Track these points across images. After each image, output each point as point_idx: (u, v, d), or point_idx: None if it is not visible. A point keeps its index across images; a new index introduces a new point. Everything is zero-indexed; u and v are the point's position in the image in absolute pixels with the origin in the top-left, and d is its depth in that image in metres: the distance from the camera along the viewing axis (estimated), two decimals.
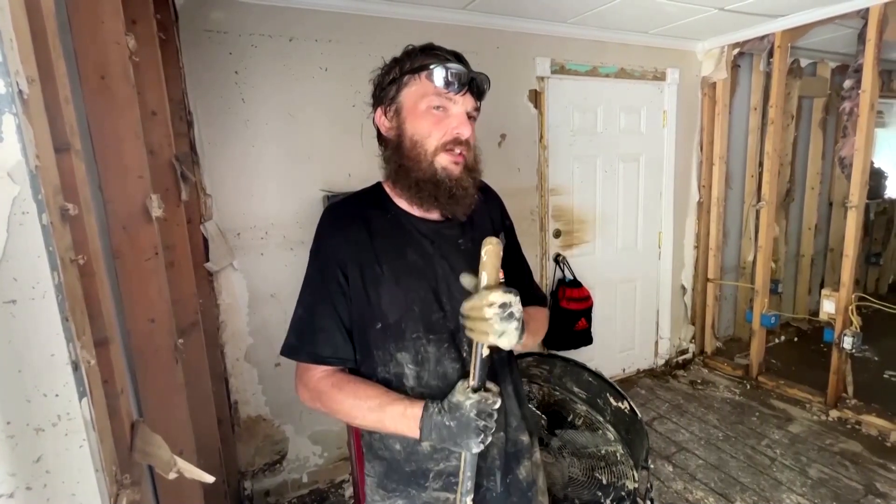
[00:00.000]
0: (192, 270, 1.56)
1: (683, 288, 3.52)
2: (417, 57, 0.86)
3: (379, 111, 0.91)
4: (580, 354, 2.76)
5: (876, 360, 3.40)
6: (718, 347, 3.63)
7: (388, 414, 0.81)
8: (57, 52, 0.57)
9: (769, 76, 3.06)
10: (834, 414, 2.77)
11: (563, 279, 2.97)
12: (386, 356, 0.88)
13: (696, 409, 2.95)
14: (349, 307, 0.88)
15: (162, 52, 1.42)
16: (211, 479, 0.70)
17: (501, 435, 0.94)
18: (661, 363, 3.52)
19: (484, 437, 0.77)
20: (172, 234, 1.41)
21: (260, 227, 2.15)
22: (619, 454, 1.54)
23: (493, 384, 0.81)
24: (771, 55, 2.94)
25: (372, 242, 0.88)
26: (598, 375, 1.70)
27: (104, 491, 0.50)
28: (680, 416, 2.88)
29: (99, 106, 0.93)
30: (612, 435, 1.55)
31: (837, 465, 2.36)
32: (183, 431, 1.12)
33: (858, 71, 2.59)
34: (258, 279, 2.17)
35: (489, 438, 0.78)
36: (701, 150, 3.36)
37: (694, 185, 3.39)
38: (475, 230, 0.95)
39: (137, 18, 1.26)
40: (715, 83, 3.24)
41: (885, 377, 3.19)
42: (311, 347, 0.88)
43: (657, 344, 3.51)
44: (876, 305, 2.75)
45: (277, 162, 2.14)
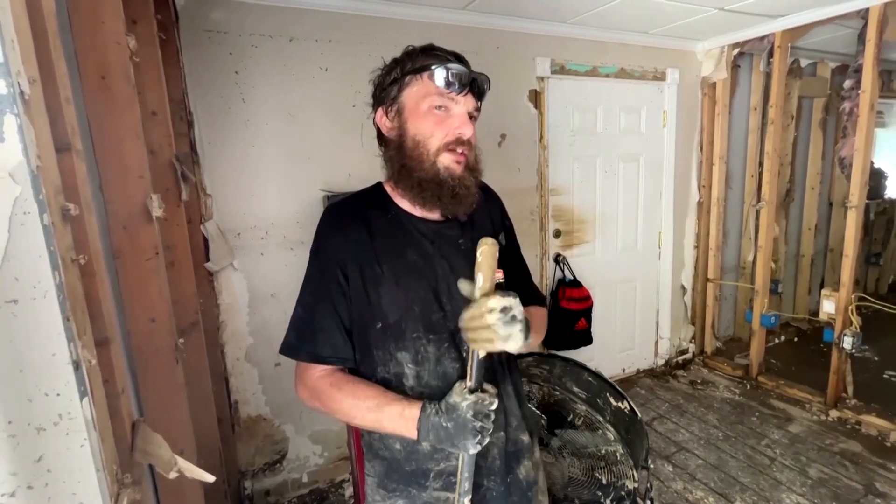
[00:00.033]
0: (192, 270, 1.56)
1: (683, 288, 3.52)
2: (418, 57, 0.87)
3: (380, 111, 0.91)
4: (580, 354, 2.76)
5: (876, 360, 3.40)
6: (718, 347, 3.63)
7: (385, 414, 0.81)
8: (58, 52, 0.57)
9: (769, 76, 3.06)
10: (834, 414, 2.77)
11: (563, 279, 2.97)
12: (386, 356, 0.88)
13: (695, 409, 2.95)
14: (349, 307, 0.88)
15: (162, 52, 1.42)
16: (211, 478, 0.71)
17: (502, 434, 0.94)
18: (661, 363, 3.52)
19: (481, 438, 0.76)
20: (173, 233, 1.41)
21: (260, 227, 2.15)
22: (618, 454, 1.54)
23: (490, 385, 0.80)
24: (771, 55, 2.94)
25: (372, 242, 0.88)
26: (597, 375, 1.70)
27: (105, 490, 0.50)
28: (680, 416, 2.88)
29: (99, 106, 0.93)
30: (611, 435, 1.55)
31: (837, 464, 2.36)
32: (183, 431, 1.12)
33: (858, 71, 2.59)
34: (258, 279, 2.17)
35: (486, 440, 0.77)
36: (701, 150, 3.36)
37: (694, 185, 3.39)
38: (475, 230, 0.95)
39: (138, 19, 1.26)
40: (715, 83, 3.24)
41: (884, 377, 3.19)
42: (310, 347, 0.88)
43: (657, 344, 3.51)
44: (876, 305, 2.75)
45: (277, 162, 2.14)
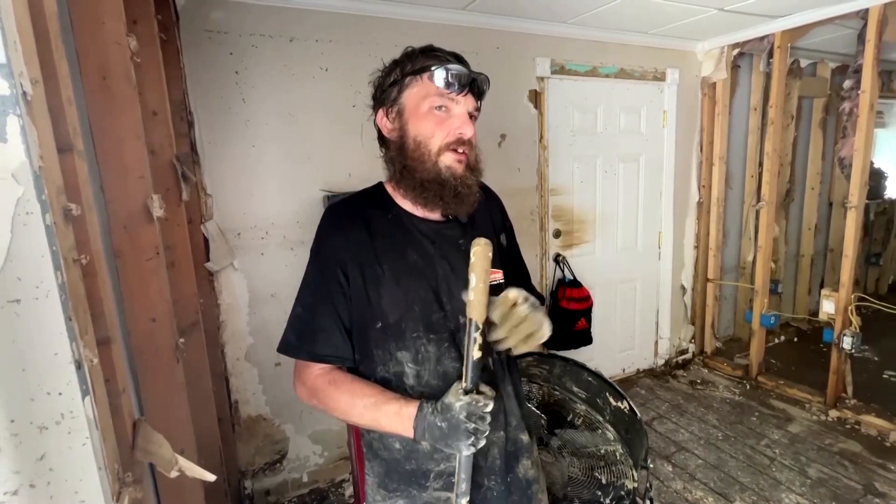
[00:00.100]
0: (192, 270, 1.56)
1: (683, 288, 3.52)
2: (418, 58, 0.87)
3: (380, 113, 0.92)
4: (580, 354, 2.76)
5: (875, 360, 3.40)
6: (718, 347, 3.63)
7: (383, 412, 0.81)
8: (59, 53, 0.58)
9: (769, 76, 3.06)
10: (833, 414, 2.77)
11: (563, 279, 2.97)
12: (386, 355, 0.88)
13: (695, 408, 2.95)
14: (349, 307, 0.88)
15: (163, 52, 1.42)
16: (212, 477, 0.71)
17: (501, 434, 0.94)
18: (660, 363, 3.52)
19: (474, 439, 0.75)
20: (173, 233, 1.42)
21: (260, 226, 2.15)
22: (618, 454, 1.54)
23: (487, 388, 0.79)
24: (771, 55, 2.94)
25: (373, 242, 0.88)
26: (597, 375, 1.70)
27: (107, 489, 0.51)
28: (679, 415, 2.88)
29: (100, 106, 0.93)
30: (611, 434, 1.55)
31: (837, 464, 2.37)
32: (184, 430, 1.12)
33: (858, 71, 2.59)
34: (258, 279, 2.17)
35: (481, 442, 0.76)
36: (701, 150, 3.37)
37: (694, 185, 3.39)
38: (476, 230, 0.95)
39: (138, 19, 1.26)
40: (715, 83, 3.24)
41: (884, 377, 3.19)
42: (310, 346, 0.88)
43: (657, 344, 3.51)
44: (875, 306, 2.75)
45: (278, 162, 2.15)
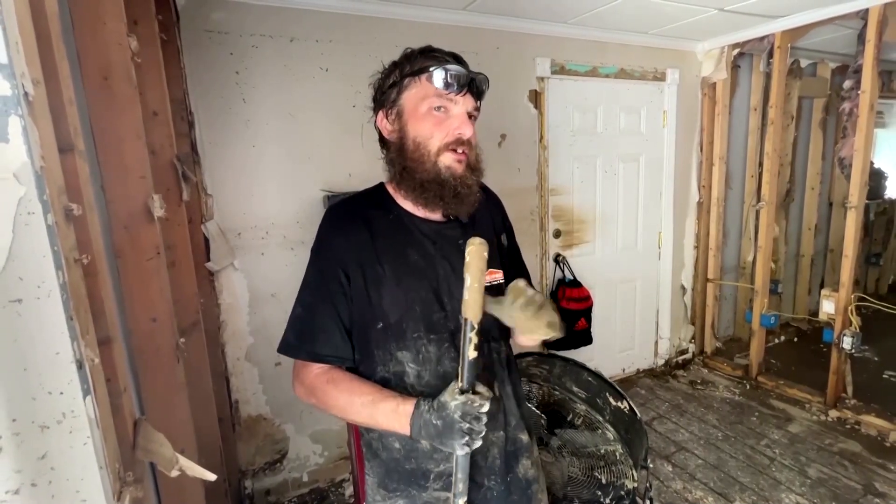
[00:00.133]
0: (193, 270, 1.56)
1: (683, 288, 3.52)
2: (417, 59, 0.87)
3: (380, 114, 0.92)
4: (580, 354, 2.76)
5: (875, 360, 3.40)
6: (718, 347, 3.64)
7: (380, 410, 0.82)
8: (61, 53, 0.58)
9: (769, 76, 3.06)
10: (833, 414, 2.77)
11: (563, 279, 2.97)
12: (386, 356, 0.88)
13: (695, 408, 2.95)
14: (349, 307, 0.89)
15: (163, 52, 1.42)
16: (213, 476, 0.71)
17: (501, 434, 0.95)
18: (660, 363, 3.52)
19: (468, 439, 0.75)
20: (174, 233, 1.42)
21: (260, 226, 2.16)
22: (618, 453, 1.54)
23: (484, 388, 0.78)
24: (771, 56, 2.94)
25: (374, 243, 0.89)
26: (597, 375, 1.70)
27: (108, 488, 0.51)
28: (679, 415, 2.88)
29: (101, 106, 0.93)
30: (611, 434, 1.55)
31: (836, 464, 2.37)
32: (184, 430, 1.12)
33: (858, 71, 2.59)
34: (259, 279, 2.18)
35: (476, 442, 0.76)
36: (701, 150, 3.37)
37: (694, 185, 3.39)
38: (476, 230, 0.95)
39: (139, 19, 1.26)
40: (715, 83, 3.24)
41: (884, 377, 3.19)
42: (310, 347, 0.88)
43: (657, 344, 3.51)
44: (875, 306, 2.75)
45: (278, 162, 2.15)
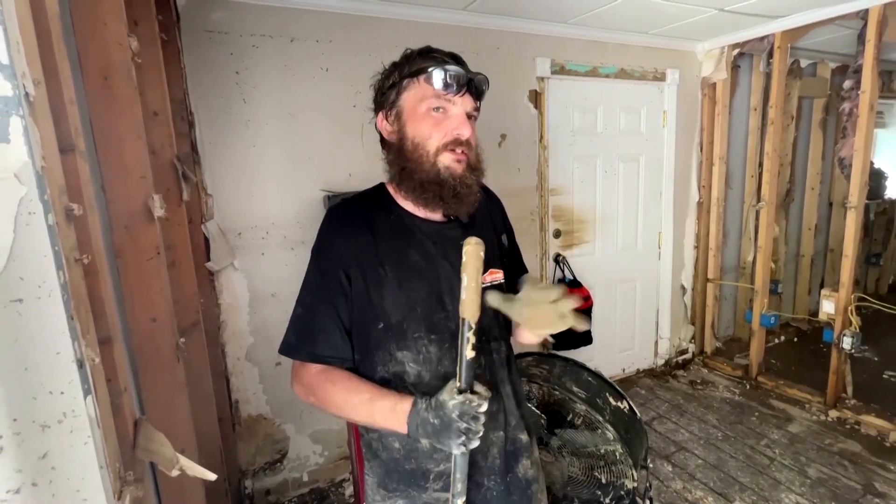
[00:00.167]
0: (193, 270, 1.56)
1: (683, 288, 3.52)
2: (415, 60, 0.87)
3: (380, 116, 0.92)
4: (580, 354, 2.76)
5: (875, 360, 3.40)
6: (718, 347, 3.64)
7: (377, 408, 0.82)
8: (61, 54, 0.58)
9: (769, 77, 3.06)
10: (833, 414, 2.77)
11: (563, 279, 2.97)
12: (387, 356, 0.89)
13: (695, 408, 2.95)
14: (349, 308, 0.89)
15: (163, 52, 1.42)
16: (213, 476, 0.71)
17: (501, 434, 0.95)
18: (660, 363, 3.52)
19: (465, 439, 0.75)
20: (174, 233, 1.42)
21: (261, 226, 2.16)
22: (618, 453, 1.54)
23: (483, 388, 0.78)
24: (771, 56, 2.94)
25: (375, 244, 0.89)
26: (597, 375, 1.70)
27: (108, 487, 0.51)
28: (679, 415, 2.88)
29: (102, 106, 0.93)
30: (611, 434, 1.55)
31: (836, 464, 2.37)
32: (184, 430, 1.13)
33: (858, 72, 2.59)
34: (259, 279, 2.18)
35: (473, 442, 0.76)
36: (701, 150, 3.37)
37: (694, 185, 3.39)
38: (477, 231, 0.95)
39: (139, 19, 1.26)
40: (715, 83, 3.24)
41: (884, 377, 3.19)
42: (310, 347, 0.88)
43: (657, 344, 3.51)
44: (875, 306, 2.75)
45: (278, 162, 2.15)
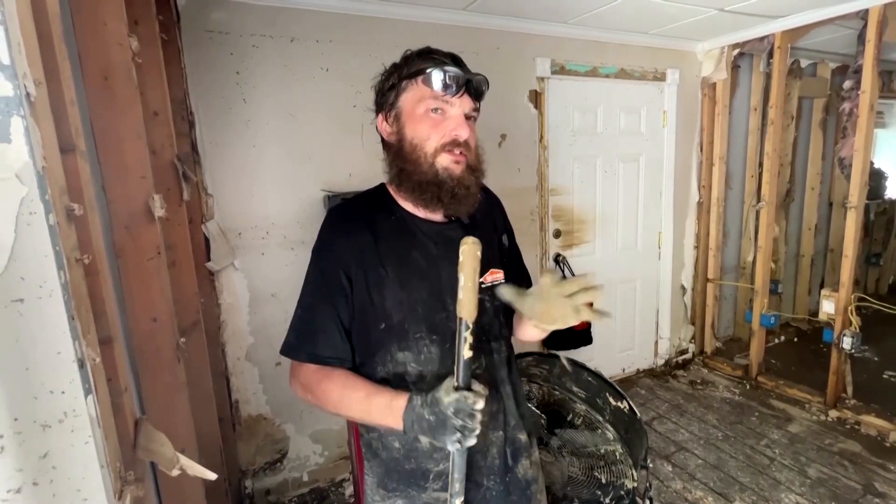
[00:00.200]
0: (193, 270, 1.57)
1: (683, 288, 3.52)
2: (414, 62, 0.87)
3: (380, 117, 0.93)
4: (580, 354, 2.76)
5: (875, 360, 3.40)
6: (718, 347, 3.64)
7: (374, 404, 0.82)
8: (62, 54, 0.58)
9: (769, 77, 3.06)
10: (833, 414, 2.77)
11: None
12: (388, 356, 0.89)
13: (695, 408, 2.95)
14: (349, 308, 0.89)
15: (164, 52, 1.42)
16: (213, 476, 0.71)
17: (500, 434, 0.95)
18: (660, 363, 3.52)
19: (461, 436, 0.74)
20: (174, 233, 1.42)
21: (261, 226, 2.16)
22: (618, 453, 1.54)
23: (480, 386, 0.77)
24: (771, 56, 2.94)
25: (376, 245, 0.89)
26: (597, 375, 1.70)
27: (109, 487, 0.51)
28: (679, 415, 2.88)
29: (102, 107, 0.93)
30: (611, 434, 1.55)
31: (836, 464, 2.37)
32: (185, 429, 1.13)
33: (858, 72, 2.59)
34: (259, 279, 2.18)
35: (469, 440, 0.75)
36: (701, 150, 3.37)
37: (694, 185, 3.39)
38: (477, 231, 0.95)
39: (140, 19, 1.26)
40: (715, 83, 3.24)
41: (884, 377, 3.19)
42: (310, 347, 0.88)
43: (657, 344, 3.51)
44: (875, 306, 2.75)
45: (278, 162, 2.15)
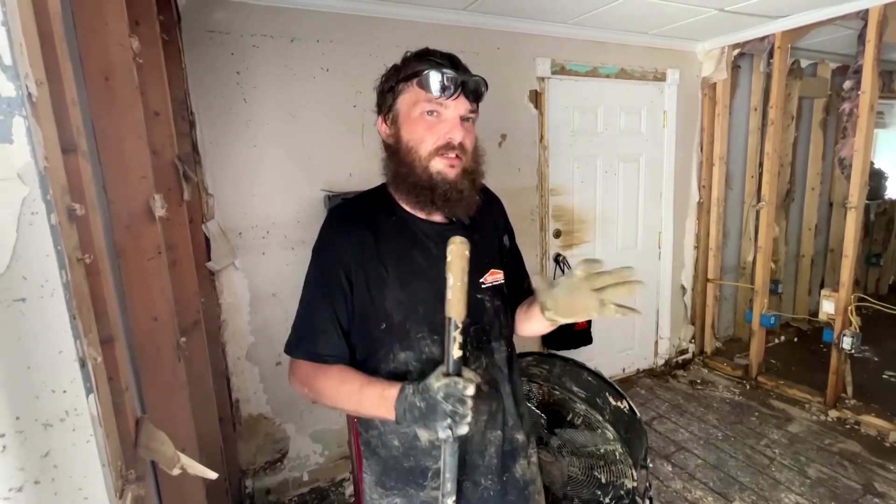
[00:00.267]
0: (194, 270, 1.57)
1: (683, 288, 3.52)
2: (410, 64, 0.87)
3: (380, 119, 0.94)
4: (580, 354, 2.76)
5: (875, 360, 3.40)
6: (718, 347, 3.64)
7: (366, 395, 0.82)
8: (64, 54, 0.58)
9: (769, 77, 3.06)
10: (833, 414, 2.77)
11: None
12: (389, 356, 0.89)
13: (695, 408, 2.95)
14: (348, 308, 0.89)
15: (164, 52, 1.42)
16: (214, 475, 0.71)
17: (499, 433, 0.95)
18: (660, 363, 3.52)
19: (452, 422, 0.73)
20: (175, 233, 1.42)
21: (261, 226, 2.16)
22: (618, 453, 1.54)
23: (471, 373, 0.77)
24: (771, 56, 2.94)
25: (377, 245, 0.89)
26: (597, 375, 1.70)
27: (110, 486, 0.51)
28: (679, 415, 2.88)
29: (103, 107, 0.93)
30: (611, 434, 1.55)
31: (836, 464, 2.37)
32: (185, 429, 1.13)
33: (858, 72, 2.59)
34: (259, 278, 2.18)
35: (461, 427, 0.74)
36: (701, 150, 3.37)
37: (694, 185, 3.39)
38: (478, 232, 0.96)
39: (141, 20, 1.26)
40: (715, 84, 3.24)
41: (884, 377, 3.19)
42: (310, 346, 0.89)
43: (657, 344, 3.52)
44: (875, 306, 2.75)
45: (279, 162, 2.15)
